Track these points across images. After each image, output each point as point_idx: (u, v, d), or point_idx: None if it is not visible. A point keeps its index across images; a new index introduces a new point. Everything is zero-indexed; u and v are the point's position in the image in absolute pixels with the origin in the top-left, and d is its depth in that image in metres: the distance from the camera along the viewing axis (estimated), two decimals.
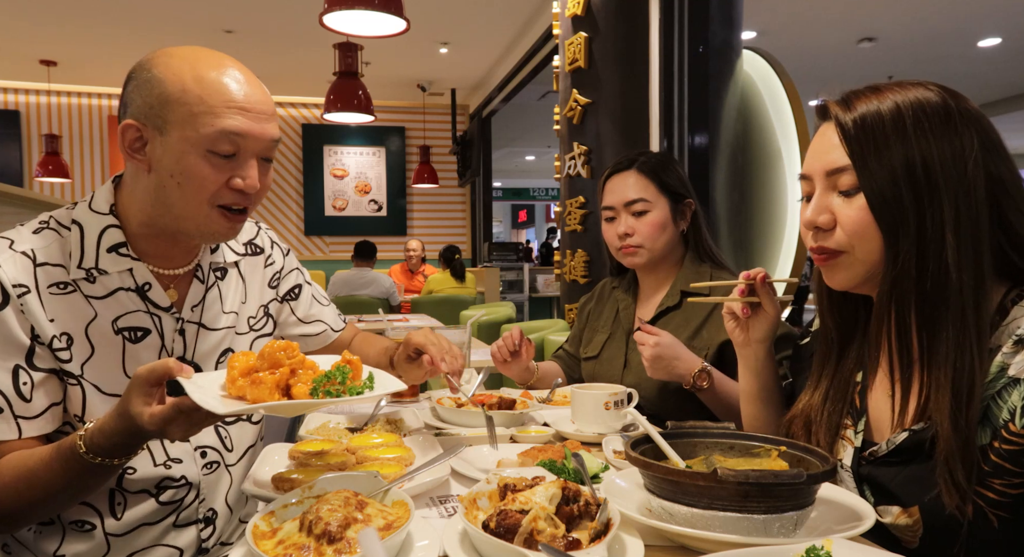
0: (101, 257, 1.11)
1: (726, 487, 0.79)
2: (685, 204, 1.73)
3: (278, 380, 0.93)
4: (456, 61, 7.42)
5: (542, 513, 0.78)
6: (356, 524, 0.79)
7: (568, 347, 1.99)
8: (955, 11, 6.05)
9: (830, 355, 1.10)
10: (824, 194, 0.98)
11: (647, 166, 1.72)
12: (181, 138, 1.05)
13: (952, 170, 0.90)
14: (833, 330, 1.10)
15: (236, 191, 1.10)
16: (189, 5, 5.64)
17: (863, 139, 0.93)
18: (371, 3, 3.02)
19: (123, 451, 0.96)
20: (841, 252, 0.98)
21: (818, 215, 0.98)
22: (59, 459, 0.97)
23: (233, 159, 1.08)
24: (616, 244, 1.74)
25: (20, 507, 1.00)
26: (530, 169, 15.96)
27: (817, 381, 1.11)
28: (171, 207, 1.09)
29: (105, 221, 1.13)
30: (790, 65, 3.08)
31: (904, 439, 0.95)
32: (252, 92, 1.10)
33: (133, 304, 1.14)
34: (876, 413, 1.03)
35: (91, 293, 1.11)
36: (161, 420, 0.88)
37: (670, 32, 3.02)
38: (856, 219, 0.94)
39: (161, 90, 1.05)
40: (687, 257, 1.74)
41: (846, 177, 0.95)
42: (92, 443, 0.94)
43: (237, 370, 0.94)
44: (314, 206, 8.83)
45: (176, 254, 1.19)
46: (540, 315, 8.50)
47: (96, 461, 0.94)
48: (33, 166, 7.60)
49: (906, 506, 0.94)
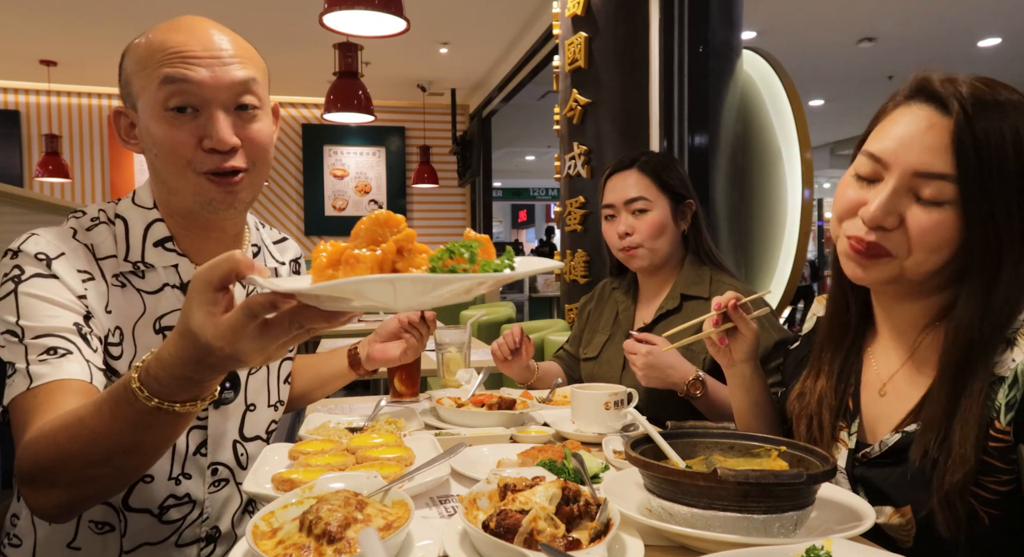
0: (147, 251, 1.08)
1: (726, 487, 0.79)
2: (686, 204, 1.73)
3: (380, 260, 0.70)
4: (456, 61, 7.42)
5: (542, 513, 0.78)
6: (356, 524, 0.79)
7: (568, 347, 1.99)
8: (955, 11, 6.05)
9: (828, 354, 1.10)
10: (898, 194, 0.88)
11: (648, 166, 1.73)
12: (143, 107, 1.01)
13: None
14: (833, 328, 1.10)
15: (212, 153, 1.00)
16: (189, 5, 5.63)
17: (982, 158, 0.84)
18: (371, 3, 3.02)
19: (188, 389, 0.75)
20: (890, 255, 0.91)
21: (886, 216, 0.88)
22: (110, 401, 0.77)
23: (198, 116, 1.00)
24: (617, 244, 1.74)
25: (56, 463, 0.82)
26: (530, 169, 15.95)
27: (815, 382, 1.10)
28: (165, 182, 1.05)
29: (151, 215, 1.09)
30: (790, 65, 3.08)
31: (897, 440, 0.95)
32: (203, 38, 0.99)
33: (178, 301, 1.10)
34: (868, 413, 1.03)
35: (141, 287, 1.07)
36: (230, 332, 0.67)
37: (670, 32, 3.02)
38: (932, 231, 0.87)
39: (125, 68, 1.03)
40: (687, 259, 1.73)
41: (936, 186, 0.86)
42: (149, 376, 0.74)
43: (326, 257, 0.71)
44: (314, 206, 8.83)
45: (215, 250, 1.13)
46: (540, 315, 8.50)
47: (152, 403, 0.74)
48: (33, 166, 7.60)
49: (898, 506, 0.94)
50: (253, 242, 1.23)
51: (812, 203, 2.90)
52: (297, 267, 1.36)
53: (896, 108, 0.93)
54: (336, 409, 1.63)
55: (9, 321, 0.97)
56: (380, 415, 1.48)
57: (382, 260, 0.69)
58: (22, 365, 0.94)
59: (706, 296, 1.64)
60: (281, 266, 1.30)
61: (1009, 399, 0.85)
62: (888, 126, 0.92)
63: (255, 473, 1.10)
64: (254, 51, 1.07)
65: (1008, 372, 0.86)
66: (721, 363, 1.23)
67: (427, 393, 1.77)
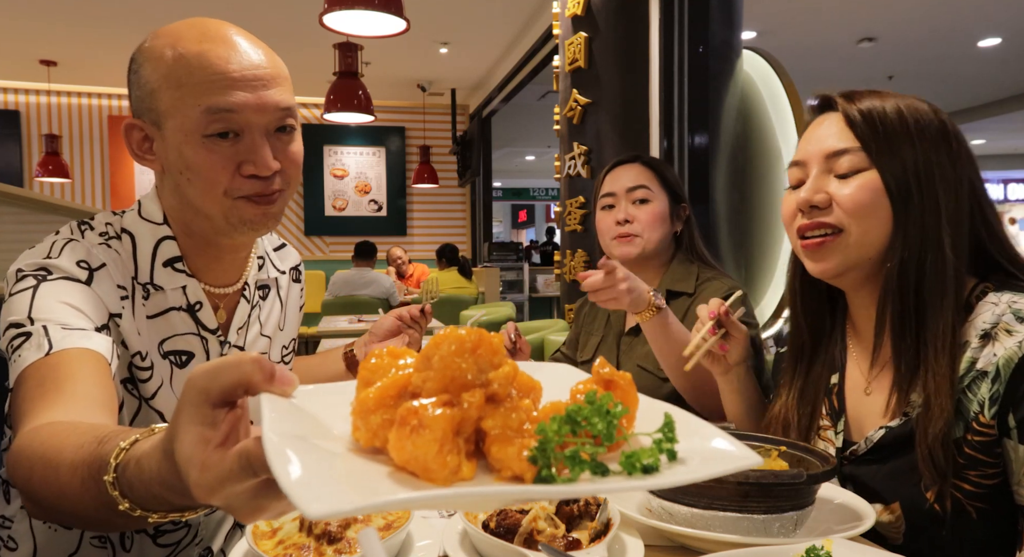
0: (156, 271, 1.00)
1: (726, 487, 0.79)
2: (681, 207, 1.74)
3: (460, 421, 0.45)
4: (456, 61, 7.42)
5: (542, 513, 0.78)
6: (356, 524, 0.79)
7: (566, 349, 1.99)
8: (955, 11, 6.05)
9: (802, 356, 1.12)
10: (821, 176, 1.00)
11: (650, 162, 1.75)
12: (175, 129, 0.93)
13: (948, 170, 0.96)
14: (806, 330, 1.12)
15: (252, 178, 0.95)
16: (189, 5, 5.63)
17: (872, 126, 0.98)
18: (371, 3, 3.02)
19: (164, 507, 0.59)
20: (839, 232, 0.99)
21: (814, 194, 1.00)
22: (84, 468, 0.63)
23: (238, 141, 0.94)
24: (611, 232, 1.71)
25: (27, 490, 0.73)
26: (530, 169, 15.95)
27: (790, 383, 1.13)
28: (191, 204, 0.97)
29: (160, 232, 1.01)
30: (790, 65, 3.08)
31: (882, 436, 0.97)
32: (242, 58, 0.94)
33: (184, 325, 1.03)
34: (854, 412, 1.05)
35: (145, 312, 1.00)
36: (219, 481, 0.46)
37: (670, 32, 3.02)
38: (855, 197, 0.97)
39: (147, 80, 0.94)
40: (676, 258, 1.73)
41: (845, 160, 0.98)
42: (124, 478, 0.58)
43: (375, 396, 0.47)
44: (314, 206, 8.83)
45: (224, 269, 1.08)
46: (540, 315, 8.50)
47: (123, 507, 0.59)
48: (33, 166, 7.60)
49: (888, 503, 0.96)
50: (258, 254, 1.17)
51: None
52: (297, 275, 1.28)
53: (804, 130, 1.08)
54: None
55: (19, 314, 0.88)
56: None
57: (460, 421, 0.45)
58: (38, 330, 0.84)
59: (691, 292, 1.64)
60: (281, 275, 1.23)
61: (992, 393, 0.88)
62: (800, 142, 1.08)
63: None
64: (283, 63, 1.02)
65: (990, 367, 0.89)
66: (716, 372, 1.22)
67: None
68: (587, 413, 0.45)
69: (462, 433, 0.45)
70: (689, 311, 1.62)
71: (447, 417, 0.44)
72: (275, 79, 0.97)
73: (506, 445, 0.45)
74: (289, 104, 0.98)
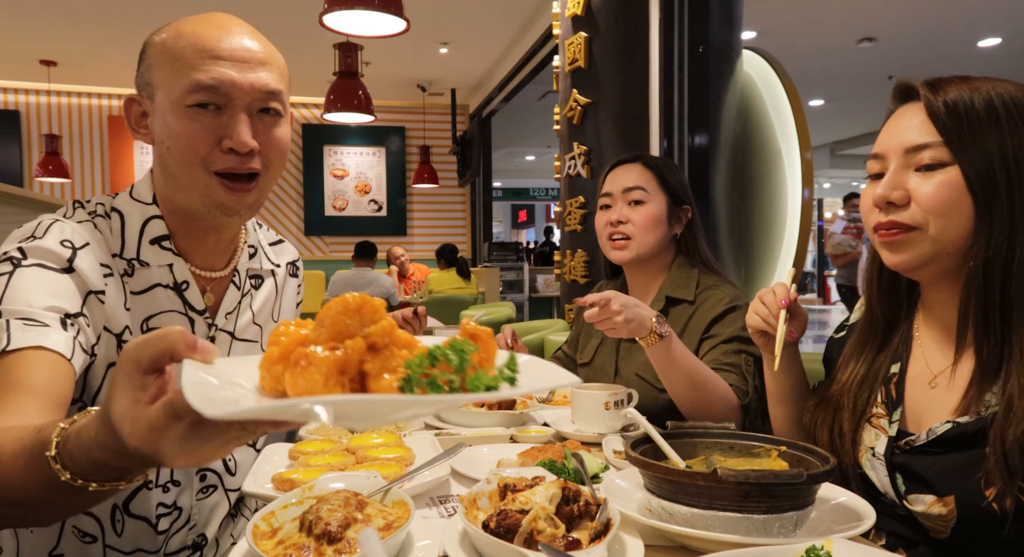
0: (143, 248, 1.04)
1: (726, 487, 0.79)
2: (682, 209, 1.71)
3: (342, 361, 0.55)
4: (456, 61, 7.42)
5: (542, 513, 0.78)
6: (356, 524, 0.79)
7: (567, 349, 1.98)
8: (955, 11, 6.05)
9: (870, 344, 1.12)
10: (899, 171, 0.98)
11: (652, 162, 1.72)
12: (164, 98, 0.98)
13: None
14: (880, 319, 1.11)
15: (229, 153, 0.99)
16: (189, 5, 5.64)
17: (956, 119, 0.94)
18: (371, 3, 3.02)
19: (104, 473, 0.64)
20: (913, 228, 0.97)
21: (892, 190, 0.98)
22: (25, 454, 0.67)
23: (220, 114, 0.98)
24: (607, 232, 1.71)
25: None
26: (530, 169, 15.95)
27: (854, 366, 1.12)
28: (174, 178, 1.02)
29: (148, 211, 1.05)
30: (790, 65, 3.08)
31: (947, 429, 0.96)
32: (234, 39, 0.99)
33: (170, 303, 1.06)
34: (913, 403, 1.04)
35: (129, 287, 1.03)
36: (149, 429, 0.54)
37: (670, 32, 3.02)
38: (935, 195, 0.94)
39: (149, 56, 1.01)
40: (676, 261, 1.71)
41: (927, 154, 0.95)
42: (66, 450, 0.63)
43: (279, 350, 0.57)
44: (314, 206, 8.83)
45: (211, 252, 1.11)
46: (540, 315, 8.50)
47: (64, 478, 0.63)
48: (33, 166, 7.60)
49: (941, 495, 0.94)
50: (250, 243, 1.20)
51: (812, 203, 2.90)
52: (294, 270, 1.31)
53: (886, 120, 1.05)
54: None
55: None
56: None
57: (343, 362, 0.54)
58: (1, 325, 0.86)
59: (691, 299, 1.62)
60: (277, 268, 1.26)
61: None
62: (881, 133, 1.04)
63: (255, 473, 1.10)
64: (282, 59, 1.06)
65: None
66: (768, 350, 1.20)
67: None
68: (444, 351, 0.54)
69: (347, 373, 0.55)
70: (691, 320, 1.60)
71: (332, 357, 0.54)
72: (264, 64, 1.00)
73: (380, 379, 0.55)
74: (276, 88, 1.02)
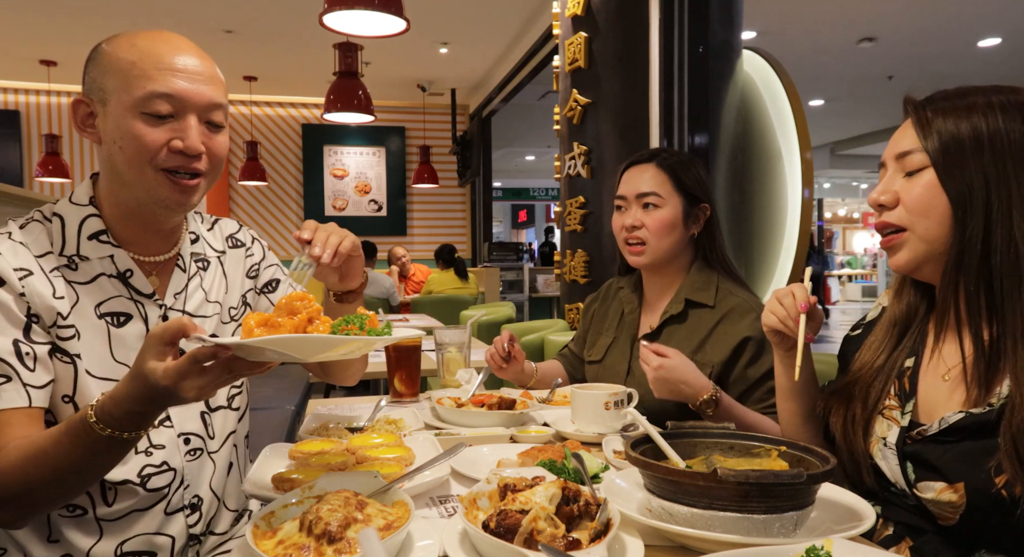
0: (82, 244, 1.14)
1: (726, 487, 0.79)
2: (700, 208, 1.67)
3: (296, 325, 0.92)
4: (456, 61, 7.42)
5: (542, 513, 0.78)
6: (356, 524, 0.79)
7: (573, 346, 1.97)
8: (955, 11, 6.05)
9: (888, 339, 1.14)
10: (892, 176, 1.06)
11: (666, 162, 1.68)
12: (118, 104, 1.09)
13: (1020, 150, 0.95)
14: (900, 317, 1.14)
15: (178, 154, 1.11)
16: (189, 5, 5.64)
17: (933, 115, 1.01)
18: (371, 3, 3.02)
19: (135, 422, 0.92)
20: (902, 230, 1.03)
21: (880, 194, 1.06)
22: (68, 433, 0.94)
23: (172, 121, 1.10)
24: (622, 235, 1.70)
25: (28, 489, 0.97)
26: (530, 169, 15.95)
27: (871, 360, 1.14)
28: (121, 175, 1.12)
29: (84, 211, 1.16)
30: (790, 65, 3.09)
31: (959, 419, 0.97)
32: (186, 57, 1.12)
33: (116, 289, 1.16)
34: (926, 395, 1.06)
35: (74, 279, 1.13)
36: (176, 374, 0.85)
37: (670, 32, 3.02)
38: (916, 196, 1.01)
39: (102, 63, 1.12)
40: (696, 263, 1.69)
41: (912, 158, 1.02)
42: (103, 412, 0.91)
43: (254, 321, 0.91)
44: (314, 206, 8.83)
45: (153, 240, 1.20)
46: (540, 315, 8.50)
47: (105, 433, 0.91)
48: (33, 166, 7.60)
49: (952, 482, 0.95)
50: (191, 230, 1.29)
51: (812, 203, 2.90)
52: (235, 242, 1.39)
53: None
54: (336, 409, 1.63)
55: None
56: (380, 415, 1.48)
57: (297, 325, 0.92)
58: None
59: (711, 304, 1.60)
60: (223, 255, 1.35)
61: None
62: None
63: (255, 473, 1.11)
64: (221, 75, 1.20)
65: None
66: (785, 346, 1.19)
67: (427, 393, 1.77)
68: (351, 318, 0.94)
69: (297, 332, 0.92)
70: (718, 327, 1.58)
71: (291, 321, 0.92)
72: (212, 81, 1.15)
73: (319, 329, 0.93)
74: (220, 101, 1.16)
